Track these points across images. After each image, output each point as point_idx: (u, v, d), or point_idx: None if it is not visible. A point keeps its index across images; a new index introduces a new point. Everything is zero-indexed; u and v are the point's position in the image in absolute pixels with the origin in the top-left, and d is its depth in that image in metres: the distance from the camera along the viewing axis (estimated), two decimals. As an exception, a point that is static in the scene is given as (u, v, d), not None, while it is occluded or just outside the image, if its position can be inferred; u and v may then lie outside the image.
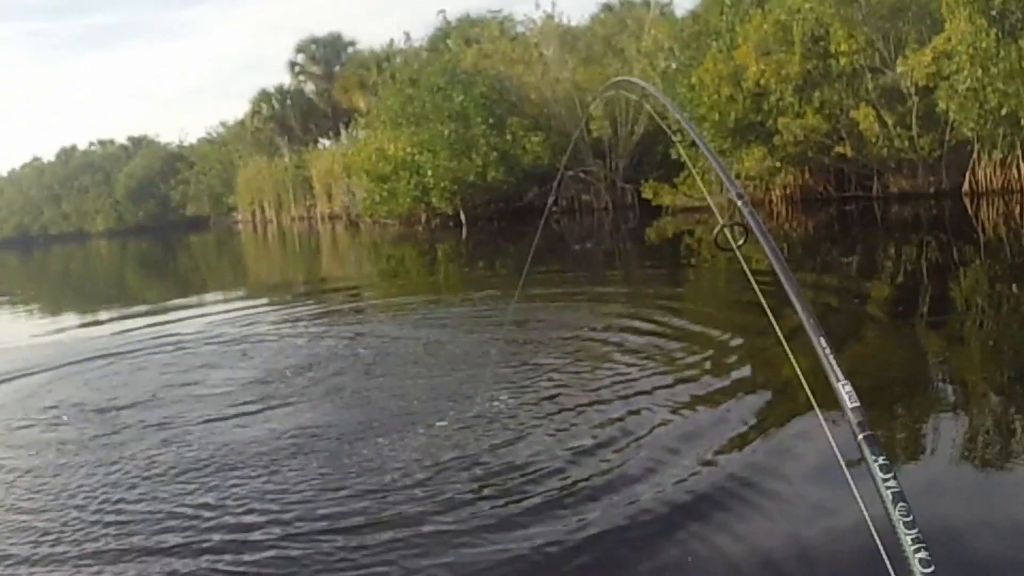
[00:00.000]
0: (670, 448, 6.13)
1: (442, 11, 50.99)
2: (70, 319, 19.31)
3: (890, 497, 2.11)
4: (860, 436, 2.26)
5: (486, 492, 5.48)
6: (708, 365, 8.55)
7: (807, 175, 30.96)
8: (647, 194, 33.77)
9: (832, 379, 2.42)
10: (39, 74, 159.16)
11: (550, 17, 40.71)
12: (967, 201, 25.87)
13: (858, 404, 2.34)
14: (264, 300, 18.71)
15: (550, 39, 39.45)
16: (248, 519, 5.37)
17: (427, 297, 16.72)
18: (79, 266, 46.66)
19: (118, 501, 5.88)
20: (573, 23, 41.59)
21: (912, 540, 2.03)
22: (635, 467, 5.77)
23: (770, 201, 31.05)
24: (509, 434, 6.59)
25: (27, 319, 20.42)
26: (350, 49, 63.70)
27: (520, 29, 43.93)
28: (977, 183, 26.90)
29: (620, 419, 6.82)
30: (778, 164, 29.45)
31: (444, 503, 5.33)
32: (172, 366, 10.75)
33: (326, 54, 63.96)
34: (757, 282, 3.40)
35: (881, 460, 2.19)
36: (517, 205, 36.47)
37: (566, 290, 15.20)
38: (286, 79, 66.02)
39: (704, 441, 6.29)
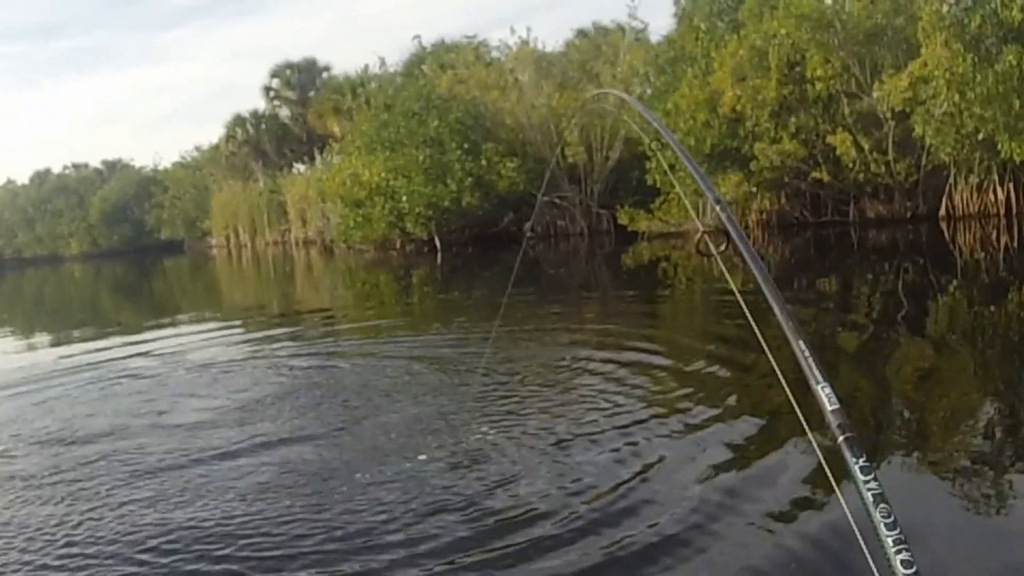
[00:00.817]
0: (662, 479, 5.94)
1: (417, 36, 51.06)
2: (37, 343, 18.98)
3: (871, 498, 2.09)
4: (841, 438, 2.24)
5: (477, 538, 5.13)
6: (692, 390, 8.36)
7: (783, 200, 30.94)
8: (623, 220, 33.71)
9: (812, 382, 2.39)
10: (12, 97, 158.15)
11: (525, 43, 40.75)
12: (944, 225, 25.89)
13: (838, 406, 2.31)
14: (238, 325, 18.42)
15: (525, 64, 39.44)
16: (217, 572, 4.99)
17: (402, 323, 16.53)
18: (52, 289, 46.14)
19: (67, 553, 5.42)
20: (548, 49, 41.57)
21: (894, 541, 2.01)
22: (633, 501, 5.54)
23: (746, 226, 30.87)
24: (496, 470, 6.29)
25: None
26: (325, 74, 63.65)
27: (495, 55, 43.93)
28: (954, 207, 26.96)
29: (611, 451, 6.58)
30: (754, 189, 29.42)
31: (433, 553, 4.98)
32: (138, 394, 10.42)
33: (301, 79, 63.80)
34: (739, 292, 3.40)
35: (862, 462, 2.16)
36: (492, 230, 36.33)
37: (544, 314, 15.04)
38: (261, 104, 65.88)
39: (692, 467, 6.13)
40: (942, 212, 27.15)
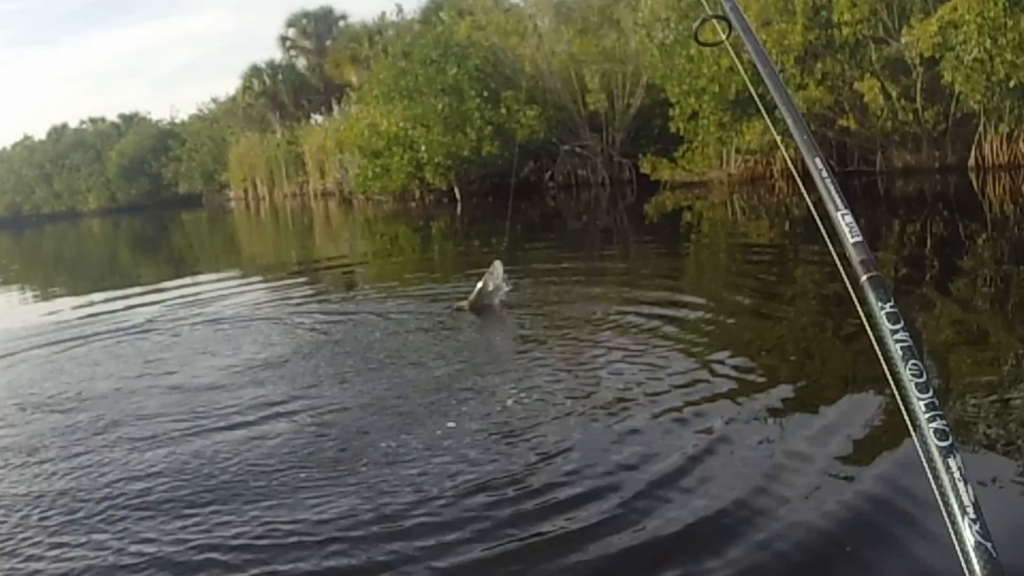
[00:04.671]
0: (718, 447, 5.59)
1: (435, -18, 50.21)
2: (51, 299, 18.85)
3: (899, 352, 1.77)
4: (864, 277, 1.92)
5: (518, 520, 4.67)
6: (728, 346, 8.06)
7: (809, 149, 30.32)
8: (645, 168, 33.21)
9: (830, 208, 2.07)
10: (29, 52, 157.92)
11: (544, -12, 39.94)
12: (973, 176, 25.31)
13: (861, 239, 1.99)
14: (256, 280, 18.19)
15: (544, 10, 38.71)
16: (228, 556, 4.54)
17: (422, 277, 16.22)
18: (71, 245, 46.09)
19: (65, 533, 5.02)
20: (568, -6, 40.77)
21: (926, 406, 1.68)
22: (689, 472, 5.18)
23: (771, 175, 30.46)
24: (532, 440, 5.86)
25: (8, 298, 19.96)
26: (341, 23, 63.03)
27: (514, 0, 43.23)
28: (983, 158, 26.33)
29: (656, 411, 6.25)
30: (779, 137, 28.82)
31: (467, 539, 4.50)
32: (150, 353, 10.19)
33: (317, 28, 63.22)
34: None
35: (888, 308, 1.84)
36: (512, 180, 35.91)
37: (567, 267, 14.77)
38: (277, 54, 65.49)
39: (747, 429, 5.83)
40: (971, 162, 26.50)
